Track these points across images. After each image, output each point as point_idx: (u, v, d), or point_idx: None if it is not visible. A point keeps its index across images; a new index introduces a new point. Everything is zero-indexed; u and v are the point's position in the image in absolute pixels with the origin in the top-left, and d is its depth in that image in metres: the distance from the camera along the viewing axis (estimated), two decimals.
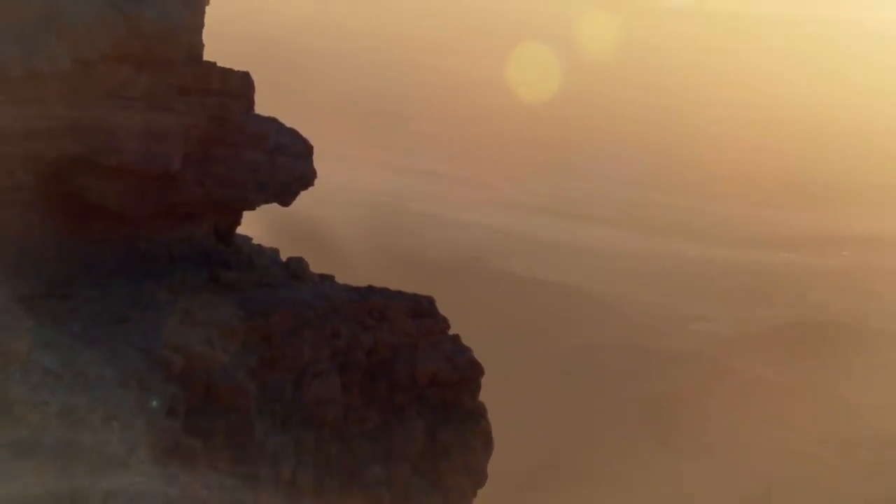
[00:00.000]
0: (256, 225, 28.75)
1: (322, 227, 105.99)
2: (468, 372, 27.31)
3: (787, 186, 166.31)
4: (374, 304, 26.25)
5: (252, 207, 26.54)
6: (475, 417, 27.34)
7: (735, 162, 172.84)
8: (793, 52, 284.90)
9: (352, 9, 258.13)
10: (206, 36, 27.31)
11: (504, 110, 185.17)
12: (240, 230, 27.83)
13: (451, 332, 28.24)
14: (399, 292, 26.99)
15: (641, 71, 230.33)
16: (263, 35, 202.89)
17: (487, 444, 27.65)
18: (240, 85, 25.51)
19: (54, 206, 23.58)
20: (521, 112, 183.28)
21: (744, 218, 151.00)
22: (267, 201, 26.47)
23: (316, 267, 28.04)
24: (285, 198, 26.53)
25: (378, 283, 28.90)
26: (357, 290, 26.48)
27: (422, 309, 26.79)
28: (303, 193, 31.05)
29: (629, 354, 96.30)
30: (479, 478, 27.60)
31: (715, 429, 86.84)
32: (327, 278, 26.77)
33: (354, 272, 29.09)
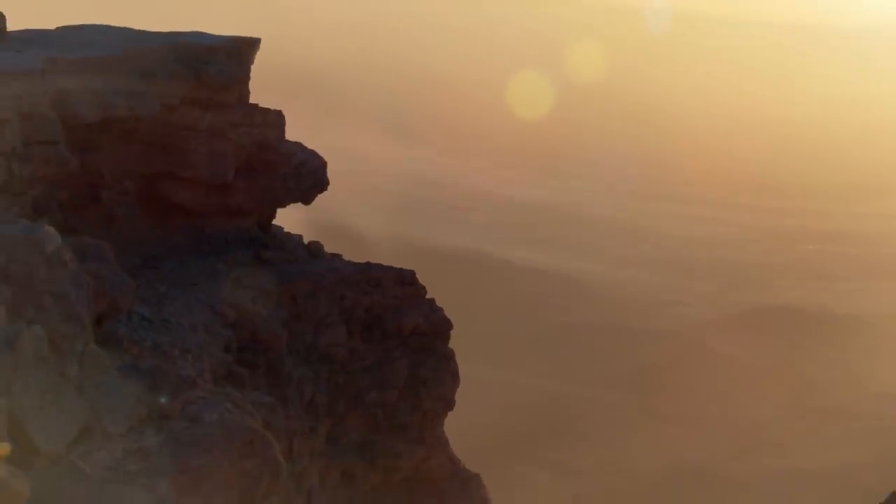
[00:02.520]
0: (291, 219, 30.17)
1: (353, 224, 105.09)
2: (440, 325, 28.38)
3: (757, 188, 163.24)
4: (371, 275, 27.45)
5: (283, 206, 27.54)
6: (446, 359, 28.54)
7: (710, 168, 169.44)
8: (758, 71, 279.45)
9: (379, 48, 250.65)
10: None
11: (505, 126, 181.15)
12: (275, 222, 28.46)
13: (449, 311, 29.00)
14: (390, 266, 27.95)
15: (626, 90, 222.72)
16: (311, 68, 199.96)
17: (455, 379, 28.87)
18: (275, 119, 26.61)
19: (148, 206, 24.96)
20: (520, 127, 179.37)
21: (718, 215, 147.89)
22: (294, 201, 27.51)
23: (349, 256, 28.80)
24: (307, 199, 27.57)
25: None
26: (359, 265, 27.65)
27: (406, 279, 27.96)
28: (337, 195, 33.02)
29: (616, 332, 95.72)
30: (449, 403, 28.97)
31: (692, 398, 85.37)
32: (337, 256, 27.80)
33: (378, 260, 31.77)
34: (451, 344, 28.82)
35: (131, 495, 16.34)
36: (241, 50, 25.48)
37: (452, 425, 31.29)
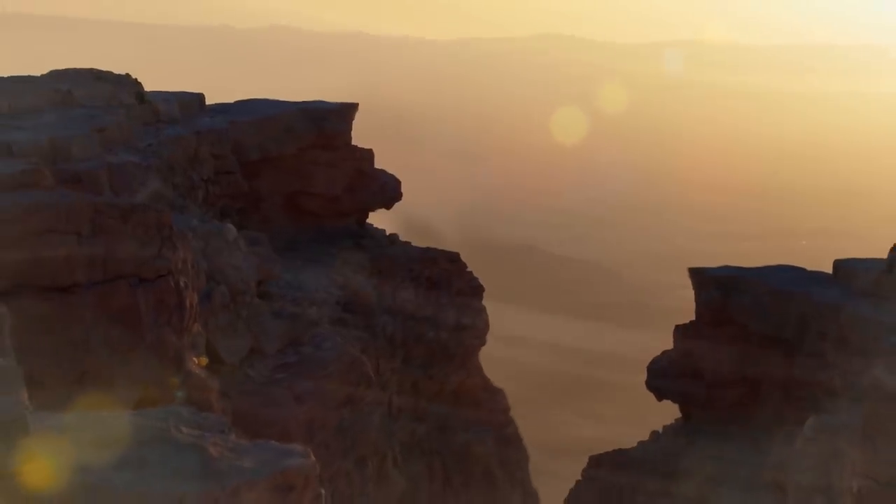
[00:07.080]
0: (378, 219, 30.93)
1: (427, 222, 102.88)
2: (477, 289, 30.35)
3: (755, 194, 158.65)
4: (430, 255, 29.61)
5: (373, 210, 29.71)
6: (480, 311, 30.33)
7: (714, 177, 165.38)
8: (758, 97, 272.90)
9: (447, 90, 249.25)
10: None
11: (548, 149, 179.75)
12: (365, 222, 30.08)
13: (503, 291, 30.73)
14: (442, 250, 29.83)
15: (643, 121, 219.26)
16: (397, 108, 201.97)
17: (486, 325, 30.50)
18: (367, 155, 29.12)
19: (289, 212, 27.49)
20: (560, 150, 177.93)
21: (720, 216, 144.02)
22: (380, 207, 29.78)
23: (416, 244, 29.68)
24: (388, 206, 29.79)
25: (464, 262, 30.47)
26: (422, 248, 29.77)
27: (453, 258, 29.99)
28: (416, 201, 33.35)
29: (633, 309, 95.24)
30: (482, 341, 30.63)
31: None
32: (407, 243, 29.85)
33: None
34: (504, 317, 29.29)
35: (279, 393, 20.48)
36: (346, 111, 28.59)
37: (506, 378, 31.78)
